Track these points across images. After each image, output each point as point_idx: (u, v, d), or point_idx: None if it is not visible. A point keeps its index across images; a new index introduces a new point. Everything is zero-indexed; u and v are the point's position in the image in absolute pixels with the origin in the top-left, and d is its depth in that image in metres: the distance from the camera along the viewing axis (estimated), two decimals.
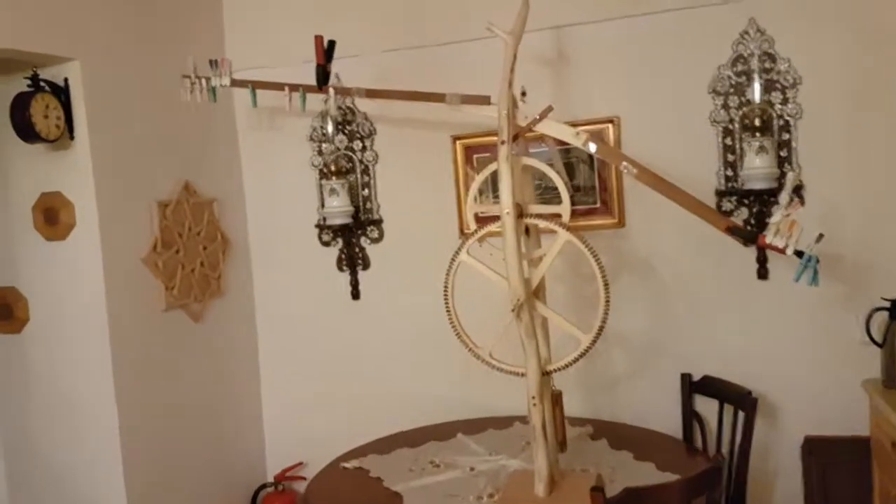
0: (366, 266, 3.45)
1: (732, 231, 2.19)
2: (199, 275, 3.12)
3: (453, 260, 2.37)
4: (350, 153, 3.40)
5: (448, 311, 2.39)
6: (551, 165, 2.37)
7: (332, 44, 2.57)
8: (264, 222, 3.57)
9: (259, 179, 3.57)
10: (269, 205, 3.56)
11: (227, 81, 2.62)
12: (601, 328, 2.23)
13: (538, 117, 2.31)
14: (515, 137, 2.35)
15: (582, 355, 2.27)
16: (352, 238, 3.42)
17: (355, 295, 3.46)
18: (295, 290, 3.55)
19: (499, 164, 2.20)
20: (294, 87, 2.57)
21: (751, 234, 2.16)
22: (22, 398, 2.82)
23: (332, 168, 3.27)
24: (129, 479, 2.75)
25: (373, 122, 3.37)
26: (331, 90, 2.56)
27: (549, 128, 2.33)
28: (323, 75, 2.54)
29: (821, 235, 2.05)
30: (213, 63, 2.60)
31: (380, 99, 2.76)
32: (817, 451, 2.91)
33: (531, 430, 2.30)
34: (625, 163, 2.26)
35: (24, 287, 2.78)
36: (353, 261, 3.43)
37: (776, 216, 2.10)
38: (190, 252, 3.07)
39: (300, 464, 3.51)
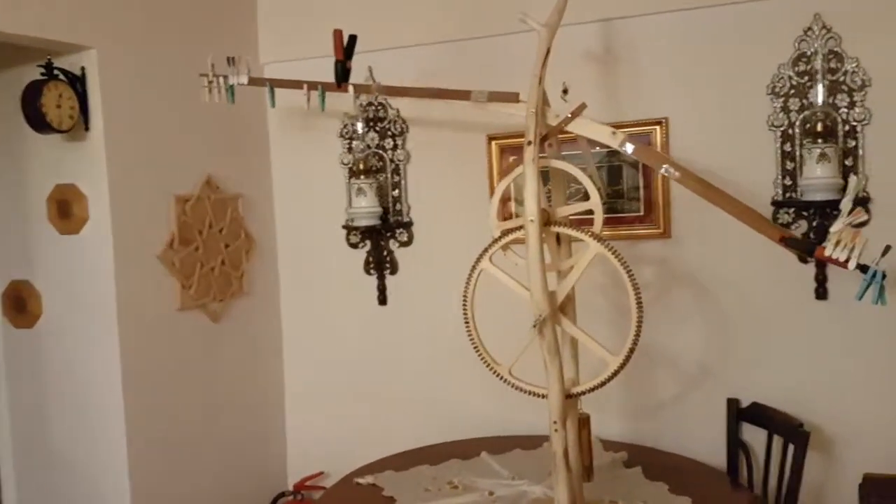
0: (394, 270, 3.29)
1: (788, 242, 1.94)
2: (220, 274, 3.01)
3: (474, 268, 2.19)
4: (381, 152, 3.24)
5: (467, 322, 2.21)
6: (584, 170, 2.17)
7: (352, 38, 2.41)
8: (292, 221, 3.45)
9: (289, 176, 3.44)
10: (298, 203, 3.43)
11: (244, 80, 2.49)
12: (631, 350, 2.02)
13: (570, 116, 2.11)
14: (545, 138, 2.17)
15: (609, 379, 2.06)
16: (380, 240, 3.26)
17: (382, 300, 3.30)
18: (321, 292, 3.41)
19: (524, 166, 2.02)
20: (313, 85, 2.42)
21: (808, 246, 1.90)
22: (34, 393, 2.75)
23: (361, 167, 3.12)
24: (135, 480, 2.65)
25: (405, 120, 3.21)
26: (350, 88, 2.40)
27: (582, 127, 2.12)
28: (342, 72, 2.38)
29: (888, 247, 1.79)
30: (231, 60, 2.48)
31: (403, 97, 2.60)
32: (877, 490, 2.62)
33: (552, 458, 2.11)
34: (665, 166, 2.05)
35: (39, 281, 2.70)
36: (380, 264, 3.28)
37: (837, 225, 1.85)
38: (210, 250, 2.96)
39: (321, 473, 3.37)
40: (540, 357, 2.05)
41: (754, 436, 2.76)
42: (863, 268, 1.82)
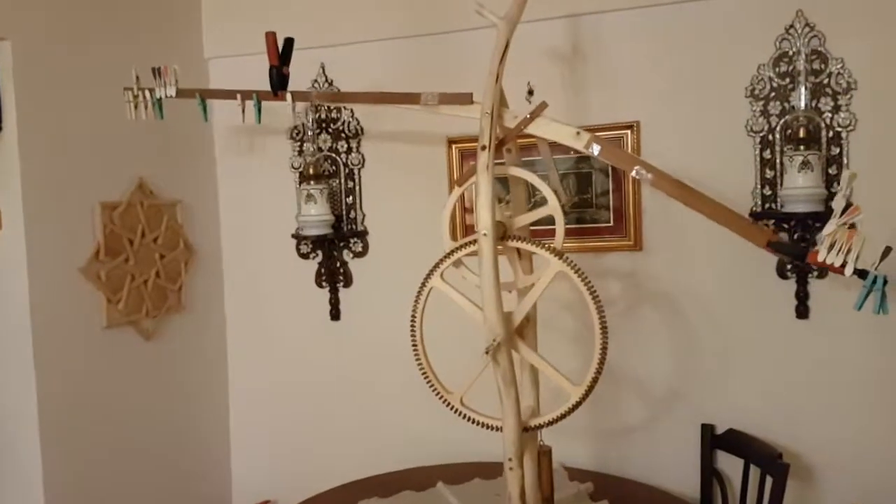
0: (347, 283, 3.05)
1: (775, 247, 1.74)
2: (154, 287, 2.75)
3: (423, 285, 1.98)
4: (334, 155, 3.01)
5: (415, 345, 2.01)
6: (546, 179, 1.96)
7: (289, 42, 2.18)
8: (239, 229, 3.18)
9: (235, 179, 3.17)
10: (246, 209, 3.16)
11: (172, 92, 2.25)
12: (595, 380, 1.82)
13: (529, 116, 1.90)
14: (503, 142, 1.96)
15: (570, 412, 1.85)
16: (332, 251, 3.03)
17: (335, 315, 3.06)
18: (270, 307, 3.16)
19: (478, 174, 1.81)
20: (247, 95, 2.19)
21: (799, 251, 1.70)
22: None
23: (311, 171, 2.88)
24: None
25: (360, 121, 2.98)
26: (288, 96, 2.17)
27: (543, 129, 1.91)
28: (279, 79, 2.15)
29: (888, 249, 1.58)
30: (156, 71, 2.24)
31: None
32: None
33: (506, 501, 1.90)
34: (637, 167, 1.84)
35: None
36: (333, 276, 3.04)
37: (830, 226, 1.64)
38: (143, 261, 2.70)
39: (268, 502, 3.13)
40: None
41: (730, 465, 2.57)
42: (861, 273, 1.60)
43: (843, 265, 1.58)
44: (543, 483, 2.06)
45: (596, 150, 1.84)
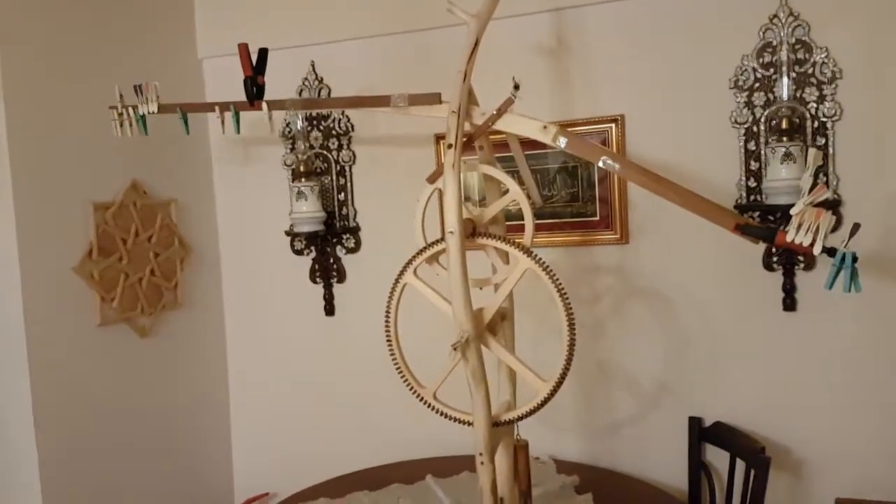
0: (341, 278, 3.09)
1: (744, 230, 1.72)
2: (149, 285, 2.80)
3: (397, 281, 2.01)
4: (325, 152, 3.04)
5: (389, 340, 2.03)
6: (515, 176, 1.98)
7: (263, 52, 2.21)
8: (235, 226, 3.23)
9: (231, 178, 3.22)
10: (241, 207, 3.21)
11: (154, 108, 2.30)
12: (563, 376, 1.83)
13: (496, 113, 1.91)
14: (471, 139, 1.97)
15: (539, 407, 1.86)
16: (326, 247, 3.06)
17: (329, 310, 3.10)
18: (267, 303, 3.20)
19: (444, 172, 1.82)
20: (225, 107, 2.23)
21: (768, 232, 1.68)
22: None
23: (302, 168, 2.91)
24: None
25: (350, 119, 3.00)
26: (264, 105, 2.20)
27: (510, 124, 1.92)
28: (253, 88, 2.18)
29: (856, 226, 1.57)
30: (138, 89, 2.29)
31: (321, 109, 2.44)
32: None
33: (479, 495, 1.92)
34: (604, 157, 1.84)
35: None
36: (326, 272, 3.08)
37: (797, 206, 1.63)
38: (137, 260, 2.75)
39: (266, 494, 3.18)
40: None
41: (718, 457, 2.57)
42: (830, 251, 1.59)
43: (812, 244, 1.57)
44: (520, 477, 2.07)
45: (563, 142, 1.85)
